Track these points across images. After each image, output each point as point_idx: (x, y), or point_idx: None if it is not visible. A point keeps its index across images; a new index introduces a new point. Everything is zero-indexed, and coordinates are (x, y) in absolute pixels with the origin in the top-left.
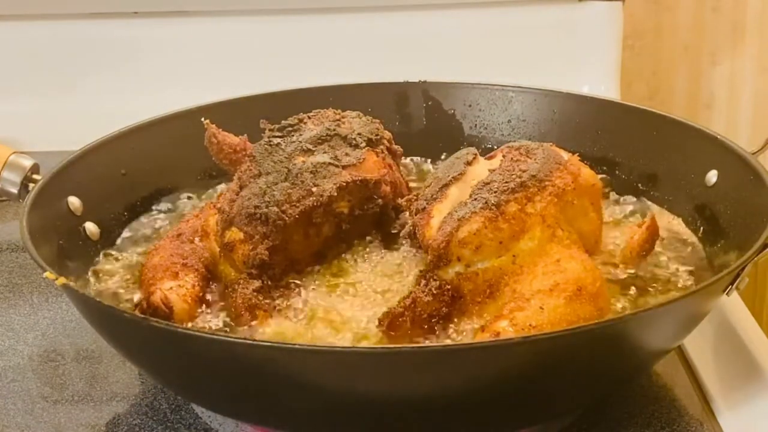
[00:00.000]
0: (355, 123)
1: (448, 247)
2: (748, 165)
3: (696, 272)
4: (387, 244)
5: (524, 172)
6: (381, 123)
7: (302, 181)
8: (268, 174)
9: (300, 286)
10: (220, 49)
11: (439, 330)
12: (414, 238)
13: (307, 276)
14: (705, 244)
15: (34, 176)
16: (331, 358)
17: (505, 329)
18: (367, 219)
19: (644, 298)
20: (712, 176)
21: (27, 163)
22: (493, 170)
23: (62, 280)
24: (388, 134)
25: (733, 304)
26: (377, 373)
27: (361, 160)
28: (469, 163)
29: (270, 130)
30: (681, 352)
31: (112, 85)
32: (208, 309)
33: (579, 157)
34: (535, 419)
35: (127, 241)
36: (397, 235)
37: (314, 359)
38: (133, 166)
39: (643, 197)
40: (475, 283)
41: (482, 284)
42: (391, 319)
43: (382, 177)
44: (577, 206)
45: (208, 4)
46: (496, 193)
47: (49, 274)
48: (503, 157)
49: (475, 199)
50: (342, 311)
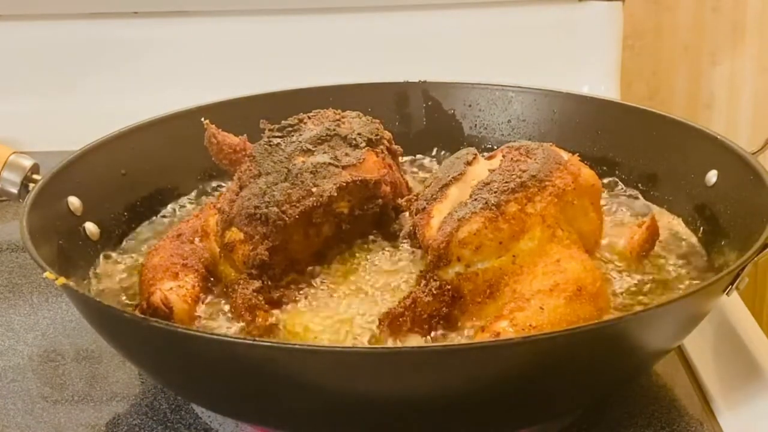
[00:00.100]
0: (355, 123)
1: (448, 247)
2: (748, 165)
3: (696, 272)
4: (387, 244)
5: (524, 172)
6: (381, 123)
7: (302, 182)
8: (268, 174)
9: (300, 286)
10: (220, 49)
11: (439, 330)
12: (414, 238)
13: (308, 276)
14: (705, 244)
15: (34, 176)
16: (331, 358)
17: (505, 329)
18: (367, 219)
19: (644, 298)
20: (712, 176)
21: (27, 163)
22: (493, 170)
23: (62, 280)
24: (388, 134)
25: (733, 304)
26: (377, 373)
27: (361, 160)
28: (469, 163)
29: (270, 130)
30: (681, 352)
31: (112, 85)
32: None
33: (579, 157)
34: (535, 419)
35: (127, 242)
36: (397, 235)
37: (314, 359)
38: (133, 166)
39: (643, 197)
40: (475, 283)
41: (482, 284)
42: (392, 319)
43: (382, 177)
44: (577, 206)
45: (208, 4)
46: (496, 193)
47: (49, 274)
48: (503, 157)
49: (475, 199)
50: (342, 311)
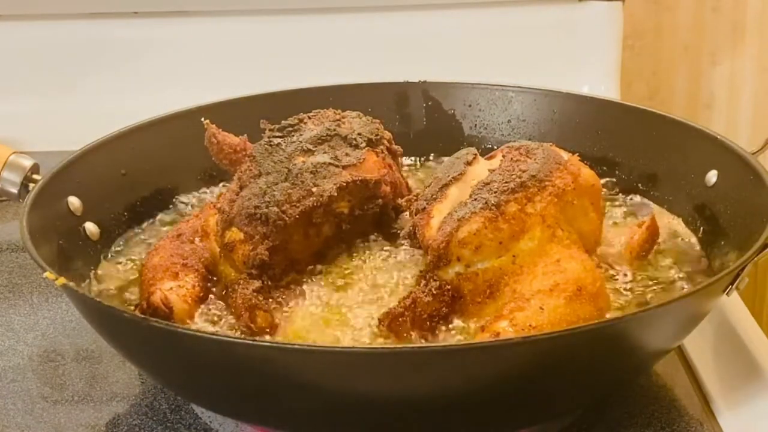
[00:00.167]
0: (355, 123)
1: (448, 247)
2: (748, 165)
3: (696, 272)
4: (387, 244)
5: (524, 172)
6: (381, 123)
7: (302, 181)
8: (268, 174)
9: (300, 286)
10: (220, 49)
11: (439, 330)
12: (414, 238)
13: (308, 276)
14: (705, 244)
15: (34, 176)
16: (330, 358)
17: (505, 329)
18: (367, 219)
19: (644, 298)
20: (712, 176)
21: (27, 163)
22: (493, 170)
23: (62, 280)
24: (388, 134)
25: (733, 304)
26: (377, 373)
27: (361, 160)
28: (469, 163)
29: (270, 130)
30: (681, 352)
31: (112, 85)
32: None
33: (579, 157)
34: (535, 419)
35: (127, 242)
36: (397, 235)
37: (314, 359)
38: (133, 166)
39: (643, 197)
40: (475, 283)
41: (482, 284)
42: (391, 319)
43: (382, 177)
44: (577, 206)
45: (208, 4)
46: (496, 193)
47: (49, 274)
48: (503, 157)
49: (475, 199)
50: (342, 311)
